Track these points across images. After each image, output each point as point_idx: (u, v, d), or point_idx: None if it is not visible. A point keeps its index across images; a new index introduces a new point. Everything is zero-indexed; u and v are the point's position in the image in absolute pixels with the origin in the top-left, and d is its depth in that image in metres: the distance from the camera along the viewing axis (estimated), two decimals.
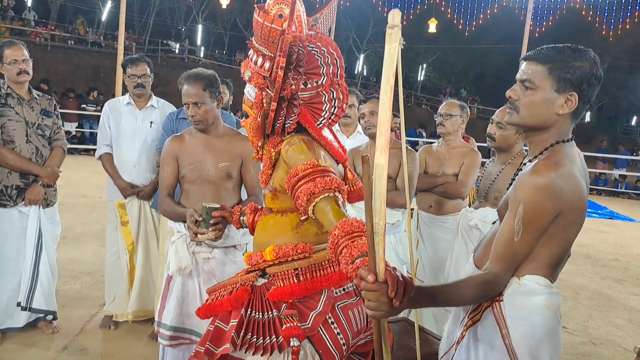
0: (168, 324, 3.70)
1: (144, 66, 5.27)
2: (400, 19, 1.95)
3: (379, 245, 1.94)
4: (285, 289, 2.63)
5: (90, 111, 20.35)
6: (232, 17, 41.56)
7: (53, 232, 5.18)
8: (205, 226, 3.23)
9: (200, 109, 3.79)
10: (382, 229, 1.94)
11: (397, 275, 1.94)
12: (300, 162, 2.59)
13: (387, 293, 1.91)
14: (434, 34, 32.29)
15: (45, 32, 32.06)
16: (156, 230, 5.33)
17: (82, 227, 8.98)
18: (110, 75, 19.33)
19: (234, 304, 2.75)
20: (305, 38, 2.69)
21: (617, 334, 6.50)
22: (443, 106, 5.32)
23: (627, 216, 16.73)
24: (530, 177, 2.14)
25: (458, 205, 5.16)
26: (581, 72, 2.17)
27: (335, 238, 2.27)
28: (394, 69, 1.92)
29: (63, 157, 5.18)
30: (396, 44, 1.92)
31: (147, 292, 5.27)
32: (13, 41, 4.97)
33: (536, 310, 2.21)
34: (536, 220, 2.12)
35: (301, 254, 2.67)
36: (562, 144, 2.24)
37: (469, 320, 2.38)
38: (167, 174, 3.91)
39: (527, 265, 2.22)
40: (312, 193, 2.47)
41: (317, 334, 2.60)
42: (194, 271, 3.75)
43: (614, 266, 10.09)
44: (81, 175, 13.74)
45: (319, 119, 2.77)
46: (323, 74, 2.70)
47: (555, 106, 2.22)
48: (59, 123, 5.19)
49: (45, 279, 4.99)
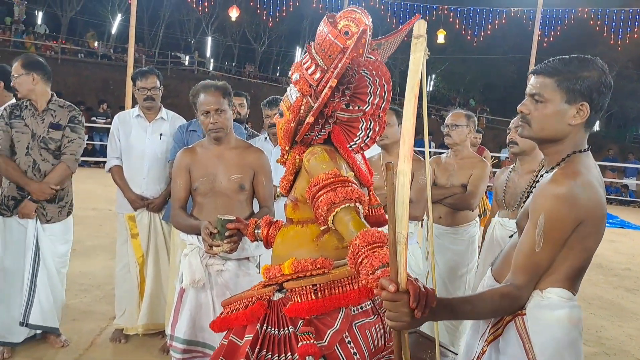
0: (181, 337, 3.68)
1: (154, 79, 5.27)
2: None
3: (401, 255, 1.93)
4: (302, 305, 2.59)
5: (100, 124, 20.43)
6: (241, 29, 41.75)
7: (55, 250, 5.00)
8: (220, 238, 3.22)
9: (222, 117, 3.78)
10: (404, 238, 1.94)
11: (419, 286, 1.93)
12: (322, 171, 2.59)
13: (408, 303, 1.90)
14: (442, 45, 32.29)
15: (55, 46, 32.26)
16: (166, 242, 5.31)
17: (92, 240, 9.01)
18: (120, 88, 19.41)
19: (250, 318, 2.73)
20: (361, 62, 2.65)
21: (630, 344, 6.45)
22: (449, 116, 5.31)
23: (638, 225, 16.63)
24: (549, 187, 2.13)
25: (468, 217, 5.16)
26: (590, 82, 2.17)
27: (356, 248, 2.26)
28: (418, 78, 1.93)
29: (65, 172, 4.92)
30: (421, 54, 1.95)
31: (158, 305, 5.24)
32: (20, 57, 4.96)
33: (559, 324, 2.18)
34: (557, 230, 2.10)
35: (320, 269, 2.64)
36: (579, 154, 2.24)
37: (490, 334, 2.35)
38: (179, 186, 3.89)
39: (549, 277, 2.20)
40: (332, 203, 2.47)
41: (333, 353, 2.57)
42: (207, 284, 3.73)
43: (626, 276, 10.04)
44: (91, 188, 13.76)
45: (351, 142, 2.76)
46: (368, 102, 2.68)
47: (567, 117, 2.22)
48: (72, 137, 4.93)
49: (44, 296, 4.89)
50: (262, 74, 44.50)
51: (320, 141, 2.75)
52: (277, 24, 36.65)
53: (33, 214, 4.82)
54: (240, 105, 6.06)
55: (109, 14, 38.70)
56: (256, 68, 44.46)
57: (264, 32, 42.14)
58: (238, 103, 6.01)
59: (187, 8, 37.88)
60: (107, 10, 38.55)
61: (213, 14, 39.95)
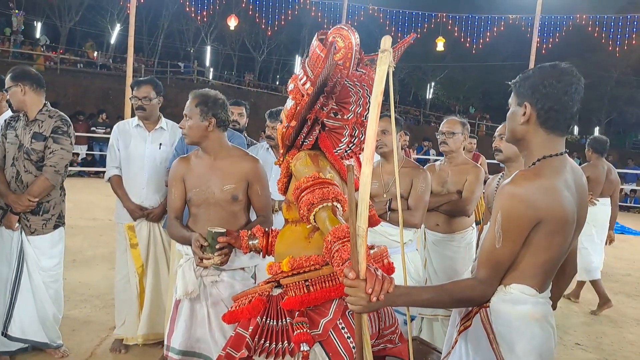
0: (177, 348, 3.70)
1: (147, 89, 5.23)
2: (391, 43, 2.21)
3: (362, 247, 2.15)
4: (296, 298, 2.82)
5: (100, 133, 20.44)
6: (240, 38, 41.80)
7: (40, 263, 4.91)
8: (210, 251, 3.26)
9: (187, 123, 3.83)
10: (363, 232, 2.15)
11: (377, 274, 2.17)
12: (304, 175, 2.83)
13: (364, 289, 2.13)
14: (442, 52, 32.36)
15: (54, 56, 32.31)
16: (166, 252, 5.30)
17: (91, 250, 8.98)
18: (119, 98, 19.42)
19: (252, 312, 2.96)
20: (347, 73, 2.89)
21: (631, 350, 6.45)
22: (444, 124, 5.32)
23: (638, 231, 16.63)
24: (507, 186, 2.28)
25: (464, 223, 5.18)
26: (531, 82, 2.35)
27: (329, 243, 2.50)
28: (382, 88, 2.14)
29: (44, 184, 4.78)
30: (386, 67, 2.14)
31: (157, 315, 5.23)
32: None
33: (521, 319, 2.30)
34: (514, 228, 2.23)
35: (313, 265, 2.84)
36: (549, 159, 2.34)
37: (461, 325, 2.52)
38: (174, 196, 3.92)
39: (514, 274, 2.32)
40: (311, 203, 2.70)
41: (328, 338, 2.80)
42: (201, 295, 3.75)
43: (626, 281, 10.05)
44: (91, 198, 13.76)
45: (336, 147, 3.03)
46: (352, 111, 2.95)
47: (517, 118, 2.41)
48: (54, 148, 4.81)
49: (25, 309, 4.83)
50: (261, 83, 44.56)
51: (309, 146, 3.00)
52: (276, 33, 36.71)
53: (14, 226, 4.80)
54: (239, 114, 6.05)
55: (108, 24, 38.74)
56: (255, 77, 44.53)
57: (263, 41, 42.22)
58: (238, 112, 6.00)
59: (186, 17, 38.00)
60: (106, 21, 38.60)
61: (212, 24, 40.00)
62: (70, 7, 36.88)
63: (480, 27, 29.63)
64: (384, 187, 4.73)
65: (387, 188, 4.67)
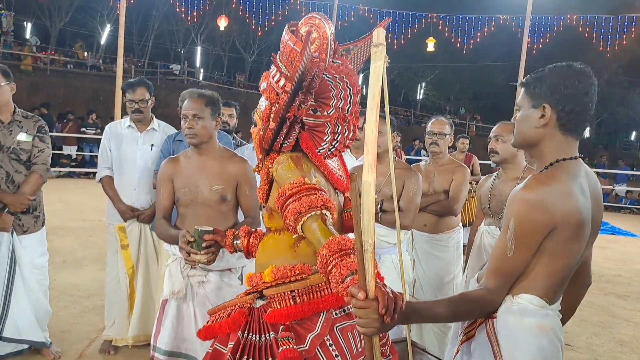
0: (163, 349, 3.68)
1: (142, 91, 5.24)
2: (386, 37, 2.01)
3: (369, 263, 1.97)
4: (281, 311, 2.64)
5: (90, 134, 20.35)
6: (230, 38, 41.71)
7: (34, 261, 4.96)
8: (197, 249, 3.23)
9: (199, 124, 3.80)
10: (371, 247, 1.98)
11: (388, 292, 1.99)
12: (288, 180, 2.62)
13: (377, 310, 1.96)
14: (432, 53, 32.39)
15: (44, 57, 32.17)
16: (157, 253, 5.30)
17: (82, 251, 8.96)
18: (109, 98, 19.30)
19: (232, 326, 2.75)
20: (324, 67, 2.72)
21: (621, 351, 6.46)
22: (434, 125, 5.29)
23: (629, 231, 16.69)
24: (520, 192, 2.17)
25: (452, 223, 5.19)
26: (549, 83, 2.25)
27: (324, 258, 2.32)
28: (379, 87, 1.98)
29: (38, 182, 4.89)
30: (381, 62, 1.97)
31: (147, 317, 5.20)
32: None
33: (528, 331, 2.20)
34: (527, 235, 2.13)
35: (299, 275, 2.66)
36: (563, 162, 2.25)
37: (463, 335, 2.41)
38: (162, 196, 3.91)
39: (523, 283, 2.23)
40: (298, 212, 2.50)
41: (315, 356, 2.59)
42: (188, 295, 3.74)
43: (617, 282, 10.07)
44: (81, 199, 13.66)
45: (319, 147, 2.80)
46: (332, 106, 2.75)
47: (533, 121, 2.30)
48: (41, 146, 4.93)
49: (19, 309, 4.82)
50: (252, 84, 44.46)
51: (289, 148, 2.78)
52: (266, 33, 36.59)
53: (10, 227, 4.78)
54: (230, 115, 6.03)
55: (98, 25, 38.59)
56: (246, 77, 44.43)
57: (254, 41, 42.11)
58: (228, 113, 5.98)
59: (176, 18, 37.85)
60: (96, 21, 38.44)
61: (202, 24, 39.90)
62: (60, 8, 36.69)
63: (471, 28, 29.65)
64: (375, 188, 4.70)
65: (378, 189, 4.65)
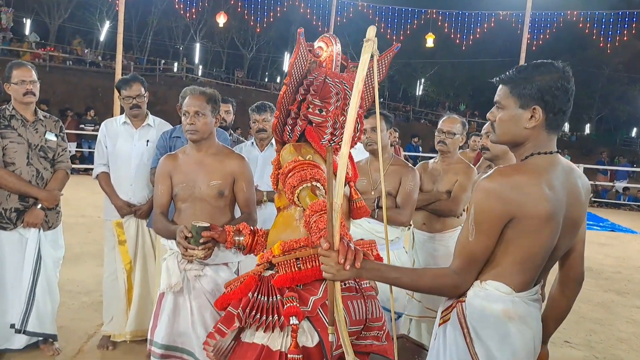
0: (159, 342, 3.70)
1: (138, 86, 5.24)
2: (376, 33, 2.34)
3: (337, 221, 2.31)
4: (287, 275, 2.95)
5: (88, 131, 20.34)
6: (229, 35, 41.79)
7: (54, 256, 5.10)
8: (194, 244, 3.33)
9: (200, 120, 3.83)
10: (339, 207, 2.31)
11: (350, 246, 2.34)
12: (287, 161, 3.01)
13: (337, 259, 2.31)
14: (431, 49, 32.36)
15: (43, 53, 32.17)
16: (154, 249, 5.29)
17: (80, 247, 8.98)
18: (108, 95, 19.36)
19: (244, 290, 3.07)
20: (329, 73, 3.12)
21: (621, 348, 6.45)
22: (445, 122, 5.12)
23: (628, 228, 16.67)
24: (482, 181, 2.29)
25: (452, 223, 5.04)
26: (540, 85, 2.28)
27: (307, 217, 2.72)
28: (363, 75, 2.22)
29: (65, 179, 5.11)
30: (369, 55, 2.26)
31: (145, 312, 5.19)
32: (22, 62, 4.94)
33: (495, 316, 2.32)
34: (485, 222, 2.26)
35: (303, 246, 2.98)
36: (537, 156, 2.34)
37: (441, 319, 2.54)
38: (160, 192, 3.94)
39: (491, 270, 2.34)
40: (293, 186, 2.89)
41: (316, 315, 2.93)
42: (185, 289, 3.75)
43: (616, 279, 10.05)
44: (79, 195, 13.73)
45: (322, 139, 3.12)
46: (332, 104, 3.08)
47: (522, 121, 2.34)
48: (64, 145, 5.13)
49: (42, 303, 4.92)
50: (250, 80, 44.52)
51: (295, 139, 3.19)
52: (265, 30, 36.70)
53: (41, 222, 4.89)
54: (226, 112, 6.01)
55: (97, 22, 38.65)
56: (245, 74, 44.47)
57: (252, 38, 42.21)
58: (224, 110, 5.93)
59: (175, 15, 37.95)
60: (95, 18, 38.52)
61: (201, 21, 39.97)
62: (59, 4, 36.77)
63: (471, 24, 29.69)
64: (372, 185, 4.68)
65: (375, 185, 4.62)
